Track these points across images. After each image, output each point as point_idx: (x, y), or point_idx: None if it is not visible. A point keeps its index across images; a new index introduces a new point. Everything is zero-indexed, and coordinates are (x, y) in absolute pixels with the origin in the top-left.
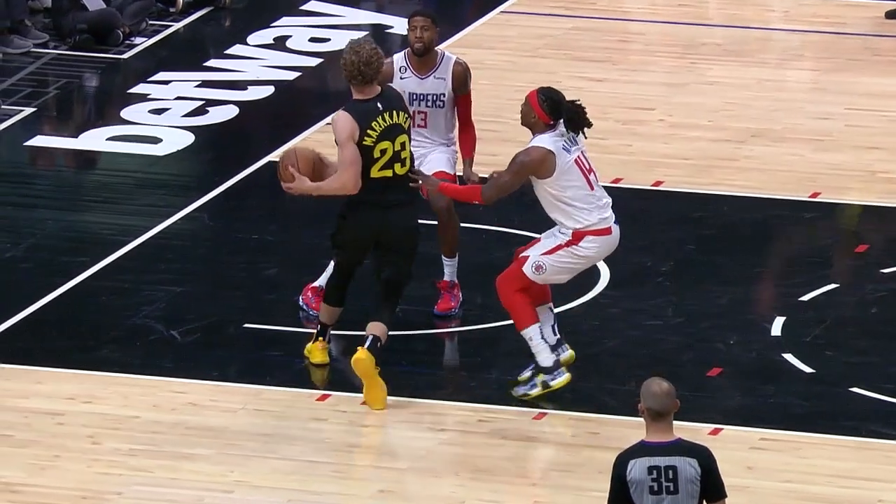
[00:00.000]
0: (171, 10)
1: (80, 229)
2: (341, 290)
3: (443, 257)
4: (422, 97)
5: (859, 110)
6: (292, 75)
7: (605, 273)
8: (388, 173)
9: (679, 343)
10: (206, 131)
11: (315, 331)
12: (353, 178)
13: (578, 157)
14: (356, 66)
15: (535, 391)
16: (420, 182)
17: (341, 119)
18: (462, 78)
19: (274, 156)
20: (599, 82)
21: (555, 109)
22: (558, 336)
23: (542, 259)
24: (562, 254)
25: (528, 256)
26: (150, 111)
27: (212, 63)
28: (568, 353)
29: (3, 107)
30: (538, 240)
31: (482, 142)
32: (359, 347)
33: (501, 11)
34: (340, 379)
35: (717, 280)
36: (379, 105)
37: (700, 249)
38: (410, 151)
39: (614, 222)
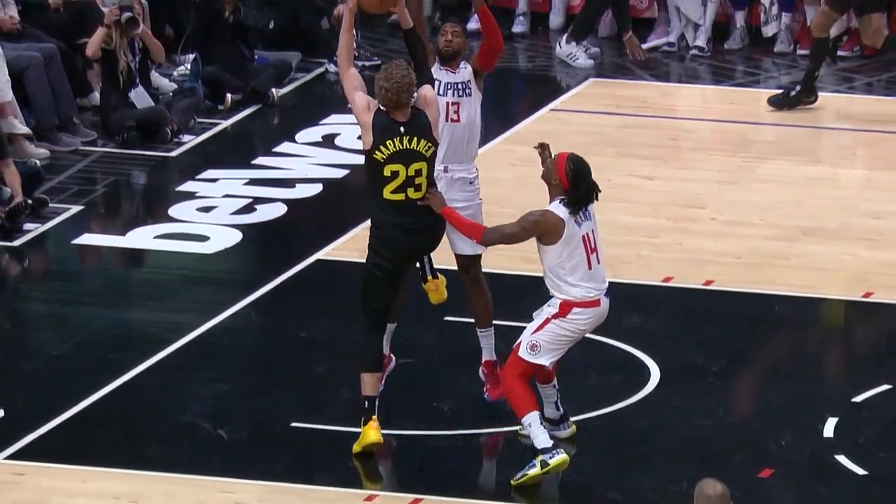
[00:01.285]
0: (220, 107)
1: (128, 326)
2: (378, 352)
3: (477, 330)
4: (454, 86)
5: None
6: (341, 173)
7: (655, 371)
8: (401, 197)
9: (731, 443)
10: (254, 229)
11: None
12: (346, 76)
13: (587, 233)
14: (388, 92)
15: (533, 470)
16: (426, 199)
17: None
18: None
19: (322, 254)
20: (650, 180)
21: (576, 181)
22: (561, 411)
23: (535, 337)
24: (551, 327)
25: (521, 341)
26: (197, 209)
27: (260, 161)
28: (569, 430)
29: (51, 205)
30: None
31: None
32: (429, 279)
33: (551, 109)
34: (388, 478)
35: (769, 379)
36: (402, 129)
37: (751, 348)
38: (431, 179)
39: (605, 295)
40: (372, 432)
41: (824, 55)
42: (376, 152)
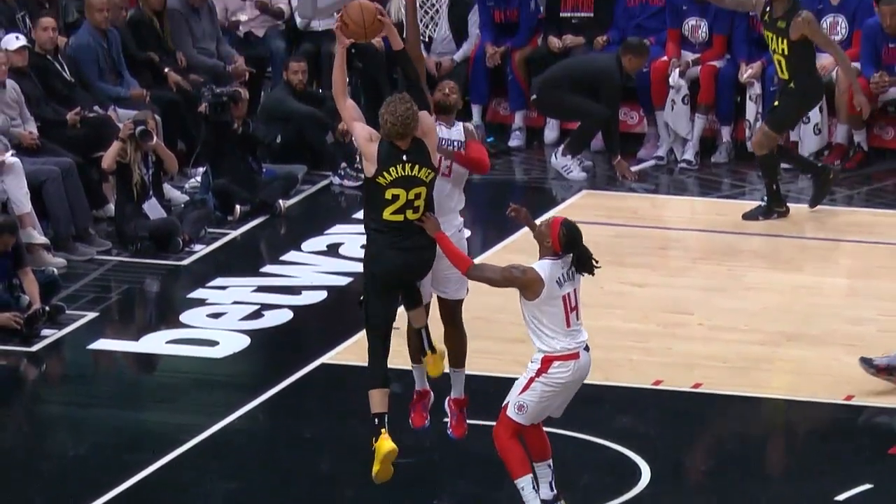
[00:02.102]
0: (229, 218)
1: (141, 428)
2: (383, 365)
3: (450, 369)
4: (448, 142)
5: (891, 316)
6: (345, 281)
7: (646, 471)
8: (400, 218)
9: None
10: (262, 334)
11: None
12: (343, 108)
13: (568, 293)
14: (392, 126)
15: None
16: (422, 220)
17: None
18: (469, 129)
19: (326, 358)
20: (641, 287)
21: (569, 245)
22: (555, 492)
23: (521, 398)
24: (536, 386)
25: (508, 401)
26: (208, 315)
27: (268, 269)
28: None
29: (67, 311)
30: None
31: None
32: (428, 353)
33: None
34: None
35: (755, 479)
36: (404, 156)
37: (738, 449)
38: (429, 202)
39: (584, 349)
40: (385, 443)
41: (775, 168)
42: (379, 178)
